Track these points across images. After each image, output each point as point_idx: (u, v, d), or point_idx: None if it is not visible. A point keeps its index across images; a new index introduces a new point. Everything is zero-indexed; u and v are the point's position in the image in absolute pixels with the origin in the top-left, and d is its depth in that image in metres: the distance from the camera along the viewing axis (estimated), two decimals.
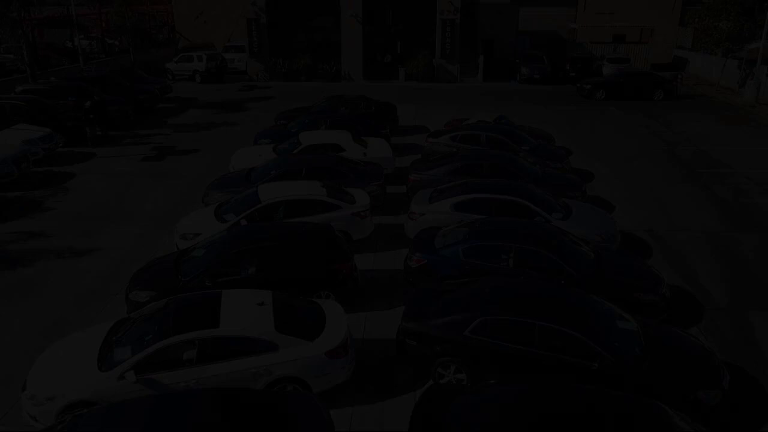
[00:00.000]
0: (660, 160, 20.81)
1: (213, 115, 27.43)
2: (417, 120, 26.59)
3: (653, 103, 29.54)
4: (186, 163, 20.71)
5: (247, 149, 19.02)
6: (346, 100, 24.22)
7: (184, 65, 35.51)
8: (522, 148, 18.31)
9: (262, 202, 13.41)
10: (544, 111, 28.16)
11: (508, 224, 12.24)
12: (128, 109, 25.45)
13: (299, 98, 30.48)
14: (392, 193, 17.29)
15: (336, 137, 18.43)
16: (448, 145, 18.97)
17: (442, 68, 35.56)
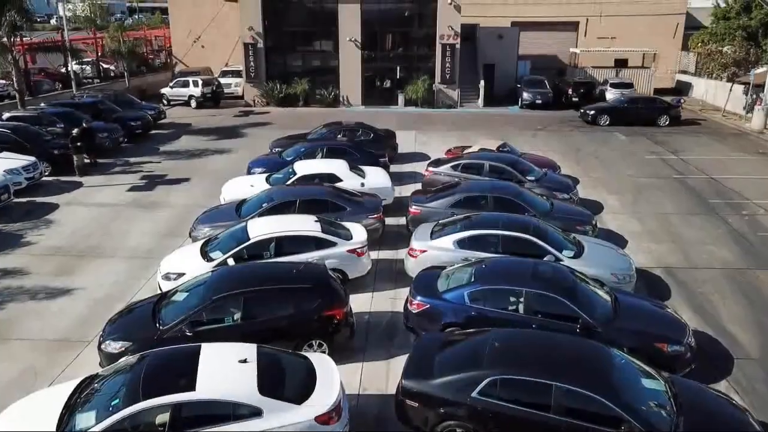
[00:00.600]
0: (671, 189, 19.94)
1: (206, 142, 26.65)
2: (417, 146, 25.81)
3: (658, 129, 28.81)
4: (176, 192, 19.82)
5: (239, 179, 18.15)
6: (344, 127, 23.45)
7: (180, 90, 34.88)
8: (527, 178, 17.45)
9: (251, 239, 12.49)
10: (547, 137, 27.41)
11: (516, 265, 11.32)
12: (119, 135, 24.65)
13: (296, 124, 29.70)
14: (391, 225, 16.37)
15: (332, 167, 17.60)
16: (449, 175, 18.10)
17: (442, 93, 34.96)
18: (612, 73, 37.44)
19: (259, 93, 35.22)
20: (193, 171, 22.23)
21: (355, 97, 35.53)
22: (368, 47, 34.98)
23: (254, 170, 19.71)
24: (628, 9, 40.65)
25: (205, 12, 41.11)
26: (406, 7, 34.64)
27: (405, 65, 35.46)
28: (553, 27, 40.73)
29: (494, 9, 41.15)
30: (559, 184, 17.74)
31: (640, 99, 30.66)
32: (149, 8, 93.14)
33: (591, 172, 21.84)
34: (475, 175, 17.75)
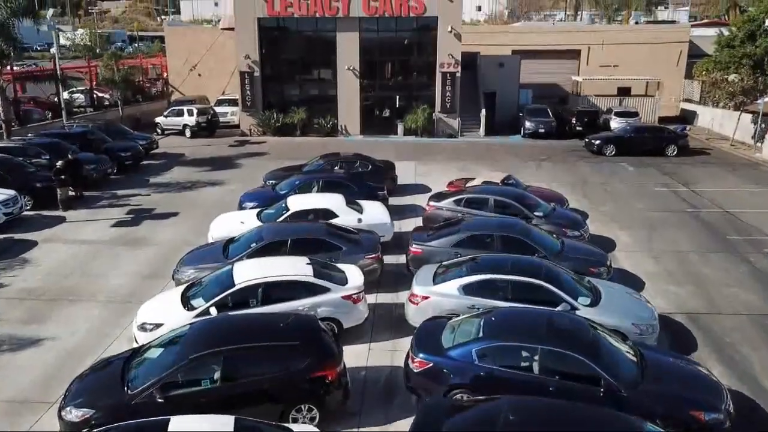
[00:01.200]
0: (686, 224, 18.91)
1: (199, 173, 25.69)
2: (417, 178, 24.87)
3: (666, 159, 27.91)
4: (162, 228, 18.77)
5: (229, 215, 17.10)
6: (342, 158, 22.52)
7: (174, 119, 34.10)
8: (534, 214, 16.41)
9: (236, 285, 11.38)
10: (552, 168, 26.48)
11: (529, 316, 10.20)
12: (107, 167, 23.71)
13: (293, 154, 28.83)
14: (390, 264, 15.31)
15: (327, 202, 16.58)
16: (451, 210, 17.07)
17: (443, 123, 34.19)
18: (615, 102, 36.75)
19: (256, 122, 34.44)
20: (182, 205, 21.22)
21: (353, 126, 34.75)
22: (367, 76, 34.34)
23: (246, 204, 18.70)
24: (629, 37, 40.27)
25: (202, 40, 40.76)
26: (405, 35, 34.09)
27: (404, 94, 34.76)
28: (554, 55, 40.19)
29: (495, 37, 40.80)
30: (569, 220, 16.70)
31: (646, 128, 29.83)
32: (150, 37, 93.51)
33: (600, 206, 20.83)
34: (479, 210, 16.72)
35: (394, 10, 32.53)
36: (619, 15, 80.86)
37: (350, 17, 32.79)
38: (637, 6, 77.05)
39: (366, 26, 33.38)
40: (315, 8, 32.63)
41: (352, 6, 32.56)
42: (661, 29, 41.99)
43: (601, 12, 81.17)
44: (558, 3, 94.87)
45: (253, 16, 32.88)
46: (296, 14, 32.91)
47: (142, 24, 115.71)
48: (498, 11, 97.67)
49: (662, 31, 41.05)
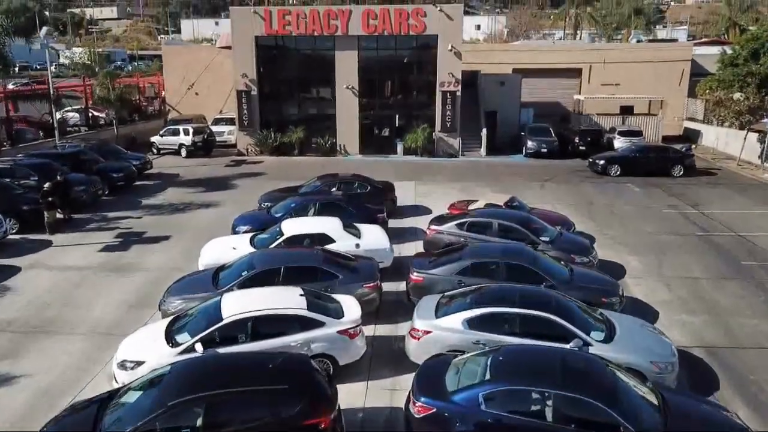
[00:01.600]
0: (696, 248, 18.16)
1: (193, 194, 24.99)
2: (417, 199, 24.18)
3: (673, 180, 27.24)
4: (152, 253, 18.01)
5: (221, 240, 16.34)
6: (339, 179, 21.83)
7: (170, 139, 33.52)
8: (541, 239, 15.68)
9: (223, 319, 10.61)
10: (556, 189, 25.79)
11: (540, 356, 9.42)
12: (98, 188, 23.02)
13: (290, 174, 28.17)
14: (390, 292, 14.55)
15: (324, 226, 15.86)
16: (453, 234, 16.34)
17: (443, 142, 33.61)
18: (618, 121, 36.21)
19: (253, 141, 33.86)
20: (174, 227, 20.48)
21: (352, 145, 34.16)
22: (366, 95, 33.83)
23: (239, 228, 17.97)
24: (631, 56, 39.91)
25: (200, 59, 40.30)
26: (405, 53, 33.66)
27: (404, 113, 34.23)
28: (555, 74, 39.79)
29: (495, 56, 40.44)
30: (577, 245, 15.95)
31: (652, 148, 29.20)
32: (150, 56, 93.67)
33: (607, 229, 20.10)
34: (482, 235, 15.98)
35: (394, 28, 32.13)
36: (619, 34, 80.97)
37: (349, 35, 32.39)
38: (636, 25, 77.10)
39: (365, 45, 32.96)
40: (313, 27, 32.23)
41: (351, 24, 32.17)
42: (664, 48, 41.61)
43: (600, 31, 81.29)
44: (557, 22, 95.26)
45: (251, 34, 32.48)
46: (294, 33, 32.50)
47: (143, 43, 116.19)
48: (497, 30, 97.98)
49: (664, 49, 40.65)
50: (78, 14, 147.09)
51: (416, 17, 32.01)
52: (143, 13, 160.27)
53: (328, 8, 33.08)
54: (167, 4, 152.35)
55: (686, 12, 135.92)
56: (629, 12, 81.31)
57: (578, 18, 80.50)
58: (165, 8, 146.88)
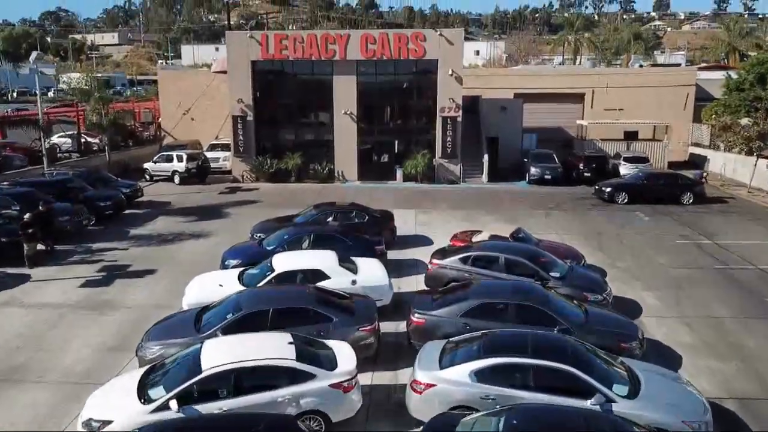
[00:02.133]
0: (716, 283, 17.06)
1: (184, 224, 23.95)
2: (417, 228, 23.16)
3: (683, 208, 26.24)
4: (136, 289, 16.91)
5: (208, 276, 15.26)
6: (336, 208, 20.84)
7: (163, 165, 32.63)
8: (551, 275, 14.61)
9: (203, 370, 9.49)
10: (562, 218, 24.78)
11: (561, 418, 8.29)
12: (84, 218, 21.99)
13: (286, 202, 27.28)
14: (389, 333, 13.46)
15: (318, 261, 14.79)
16: (457, 269, 15.27)
17: (443, 168, 32.71)
18: (622, 146, 35.43)
19: (248, 168, 32.97)
20: (162, 260, 19.41)
21: (350, 172, 33.26)
22: (365, 120, 33.06)
23: (229, 262, 16.91)
24: (635, 80, 39.29)
25: (196, 83, 39.75)
26: (404, 78, 32.97)
27: (404, 139, 33.42)
28: (557, 99, 39.09)
29: (496, 80, 39.83)
30: (590, 281, 14.86)
31: (660, 175, 28.25)
32: (149, 81, 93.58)
33: (618, 261, 19.04)
34: (488, 270, 14.92)
35: (393, 53, 31.48)
36: (618, 59, 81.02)
37: (347, 60, 31.73)
38: (636, 50, 77.10)
39: (364, 69, 32.29)
40: (311, 51, 31.58)
41: (350, 49, 31.52)
42: (667, 72, 41.03)
43: (599, 56, 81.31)
44: (556, 48, 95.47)
45: (247, 58, 31.82)
46: (291, 57, 31.85)
47: (144, 68, 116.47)
48: (496, 55, 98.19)
49: (668, 74, 40.04)
50: (79, 40, 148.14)
51: (416, 42, 31.39)
52: (144, 39, 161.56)
53: (326, 32, 32.55)
54: (168, 30, 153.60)
55: (682, 38, 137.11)
56: (629, 37, 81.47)
57: (578, 43, 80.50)
58: (166, 34, 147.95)
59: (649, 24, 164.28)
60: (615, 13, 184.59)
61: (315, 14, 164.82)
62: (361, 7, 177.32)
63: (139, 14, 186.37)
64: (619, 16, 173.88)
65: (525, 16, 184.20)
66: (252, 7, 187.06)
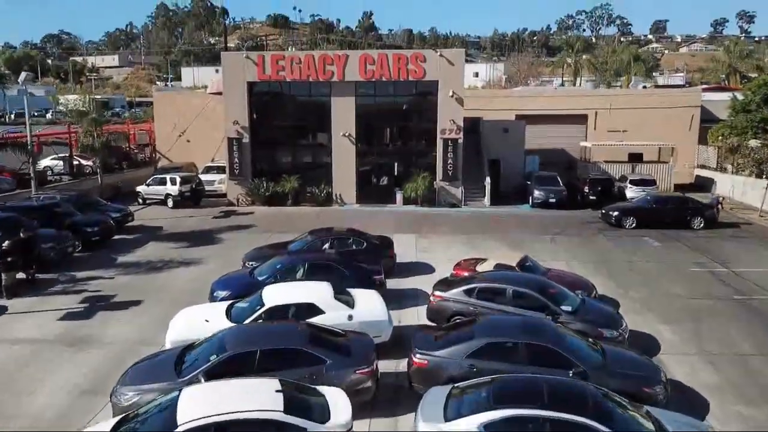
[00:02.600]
0: (737, 316, 16.03)
1: (174, 250, 22.96)
2: (418, 254, 22.18)
3: (693, 233, 25.27)
4: (119, 322, 15.85)
5: (193, 310, 14.19)
6: (333, 235, 19.89)
7: (156, 188, 31.73)
8: (562, 309, 13.59)
9: (179, 425, 8.43)
10: (568, 244, 23.81)
11: None
12: (68, 245, 20.99)
13: (282, 226, 26.37)
14: (388, 373, 12.40)
15: (311, 294, 13.78)
16: (461, 302, 14.26)
17: (444, 191, 31.83)
18: (627, 169, 34.62)
19: (244, 191, 32.08)
20: (149, 290, 18.38)
21: (349, 195, 32.37)
22: (364, 142, 32.28)
23: (218, 293, 15.90)
24: (638, 101, 38.68)
25: (192, 105, 39.09)
26: (404, 99, 32.27)
27: (403, 161, 32.60)
28: (560, 120, 38.44)
29: (497, 102, 39.27)
30: (604, 316, 13.85)
31: (669, 198, 27.32)
32: (148, 102, 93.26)
33: (630, 291, 18.02)
34: (494, 303, 13.92)
35: (392, 74, 30.81)
36: (618, 81, 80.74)
37: (346, 81, 31.05)
38: (636, 71, 76.86)
39: (362, 90, 31.60)
40: (308, 72, 30.91)
41: (348, 70, 30.86)
42: (672, 93, 40.51)
43: (599, 78, 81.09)
44: (555, 70, 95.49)
45: (243, 79, 31.14)
46: (288, 78, 31.16)
47: (143, 90, 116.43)
48: (495, 77, 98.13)
49: (673, 95, 39.49)
50: (80, 62, 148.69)
51: (415, 62, 30.74)
52: (145, 61, 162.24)
53: (324, 53, 31.96)
54: (169, 52, 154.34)
55: (680, 60, 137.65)
56: (629, 59, 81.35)
57: (578, 65, 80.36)
58: (166, 57, 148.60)
59: (647, 46, 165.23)
60: (612, 35, 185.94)
61: (315, 37, 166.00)
62: (360, 30, 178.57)
63: (140, 37, 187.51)
64: (617, 39, 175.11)
65: (523, 38, 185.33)
66: (253, 29, 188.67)
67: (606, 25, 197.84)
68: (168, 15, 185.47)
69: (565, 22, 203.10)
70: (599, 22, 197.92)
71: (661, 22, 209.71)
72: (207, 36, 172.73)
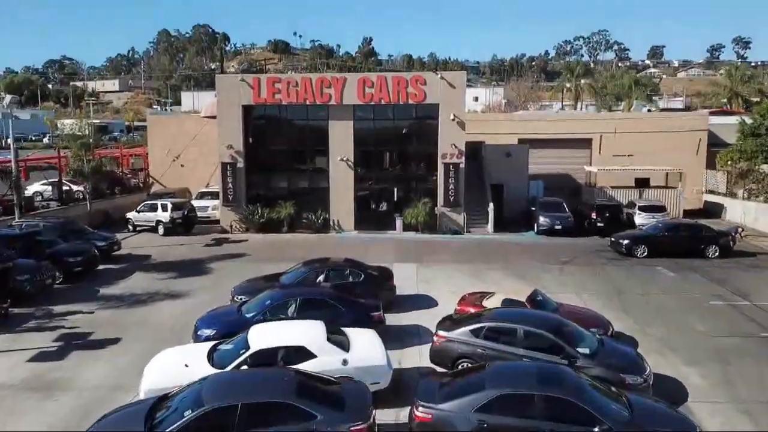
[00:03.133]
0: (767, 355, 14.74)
1: (161, 281, 21.70)
2: (419, 285, 20.92)
3: (708, 263, 24.04)
4: (93, 364, 14.53)
5: (172, 353, 12.89)
6: (328, 266, 18.64)
7: (147, 215, 30.58)
8: (578, 351, 12.31)
9: None
10: (578, 274, 22.56)
11: None
12: (47, 277, 19.74)
13: (277, 255, 25.22)
14: (387, 424, 11.09)
15: (302, 335, 12.53)
16: (468, 344, 12.99)
17: (446, 217, 30.66)
18: (635, 194, 33.53)
19: (237, 218, 30.91)
20: (130, 326, 17.10)
21: (347, 221, 31.20)
22: (362, 166, 31.23)
23: (202, 332, 14.62)
24: (644, 125, 37.73)
25: (186, 129, 38.19)
26: (404, 123, 31.31)
27: (403, 186, 31.50)
28: (563, 144, 37.47)
29: (499, 126, 38.38)
30: (626, 359, 12.54)
31: (681, 226, 26.08)
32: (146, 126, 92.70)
33: (648, 327, 16.72)
34: (504, 345, 12.64)
35: (392, 97, 29.90)
36: (619, 105, 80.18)
37: (344, 105, 30.12)
38: (637, 95, 76.35)
39: (361, 114, 30.66)
40: (305, 95, 30.00)
41: (346, 93, 29.96)
42: (678, 117, 39.65)
43: (600, 102, 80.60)
44: (555, 94, 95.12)
45: (238, 103, 30.21)
46: (285, 101, 30.23)
47: (142, 114, 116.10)
48: (495, 102, 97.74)
49: (679, 119, 38.62)
50: (80, 87, 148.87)
51: (415, 85, 29.85)
52: (144, 86, 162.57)
53: (322, 76, 31.12)
54: (170, 77, 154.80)
55: (678, 85, 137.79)
56: (629, 83, 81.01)
57: (578, 89, 79.94)
58: (167, 81, 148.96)
59: (645, 71, 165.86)
60: (610, 61, 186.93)
61: (315, 62, 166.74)
62: (360, 56, 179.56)
63: (141, 62, 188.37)
64: (615, 64, 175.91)
65: (522, 63, 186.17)
66: (253, 55, 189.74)
67: (604, 50, 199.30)
68: (170, 41, 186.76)
69: (563, 47, 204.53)
70: (597, 47, 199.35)
71: (658, 48, 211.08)
72: (208, 62, 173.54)
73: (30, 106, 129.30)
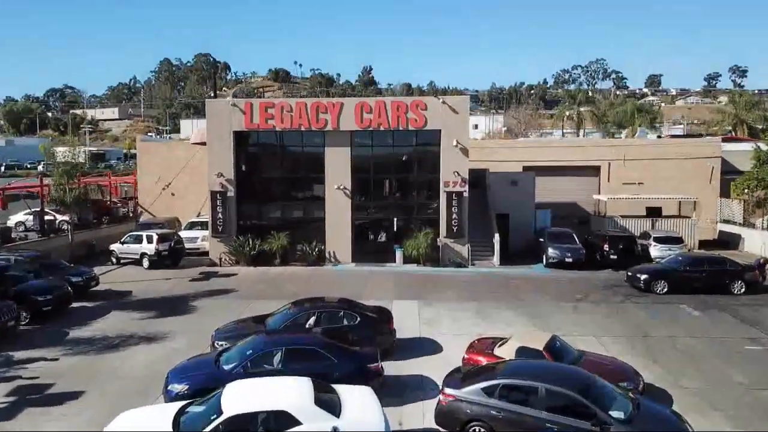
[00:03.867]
0: None
1: (138, 322, 19.79)
2: (421, 327, 19.02)
3: (735, 299, 22.20)
4: (47, 425, 12.58)
5: (135, 415, 10.95)
6: (321, 307, 16.74)
7: (131, 247, 28.78)
8: (611, 416, 10.41)
9: None
10: (595, 313, 20.66)
11: None
12: (9, 319, 17.84)
13: (268, 291, 23.50)
14: None
15: (286, 395, 10.63)
16: (480, 405, 11.10)
17: (449, 249, 28.88)
18: (646, 224, 31.82)
19: (227, 250, 29.11)
20: (96, 376, 15.16)
21: (343, 253, 29.38)
22: (360, 195, 29.58)
23: (172, 387, 12.71)
24: (654, 152, 36.26)
25: (177, 156, 36.61)
26: (404, 150, 29.71)
27: (403, 216, 29.78)
28: (570, 171, 35.99)
29: (504, 153, 36.93)
30: (667, 426, 10.63)
31: (704, 259, 24.22)
32: None
33: (681, 378, 14.79)
34: (523, 407, 10.76)
35: (391, 122, 28.40)
36: (620, 132, 78.99)
37: (340, 131, 28.61)
38: (640, 122, 75.23)
39: (359, 140, 29.14)
40: (300, 120, 28.50)
41: (343, 118, 28.46)
42: (689, 144, 38.14)
43: (602, 129, 79.45)
44: (556, 122, 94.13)
45: (229, 129, 28.71)
46: (278, 127, 28.73)
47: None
48: (495, 129, 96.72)
49: (690, 145, 37.10)
50: (80, 115, 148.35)
51: (416, 110, 28.38)
52: (145, 114, 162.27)
53: (317, 101, 29.67)
54: (170, 105, 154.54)
55: (676, 112, 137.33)
56: (632, 110, 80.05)
57: (580, 116, 78.88)
58: (167, 109, 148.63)
59: (643, 99, 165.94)
60: (608, 89, 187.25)
61: (315, 90, 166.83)
62: (360, 84, 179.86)
63: (142, 90, 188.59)
64: (613, 93, 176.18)
65: (521, 92, 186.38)
66: (254, 83, 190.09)
67: (602, 79, 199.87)
68: (171, 70, 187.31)
69: (562, 76, 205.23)
70: (595, 76, 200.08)
71: (656, 77, 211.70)
72: (208, 90, 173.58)
73: (29, 134, 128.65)
